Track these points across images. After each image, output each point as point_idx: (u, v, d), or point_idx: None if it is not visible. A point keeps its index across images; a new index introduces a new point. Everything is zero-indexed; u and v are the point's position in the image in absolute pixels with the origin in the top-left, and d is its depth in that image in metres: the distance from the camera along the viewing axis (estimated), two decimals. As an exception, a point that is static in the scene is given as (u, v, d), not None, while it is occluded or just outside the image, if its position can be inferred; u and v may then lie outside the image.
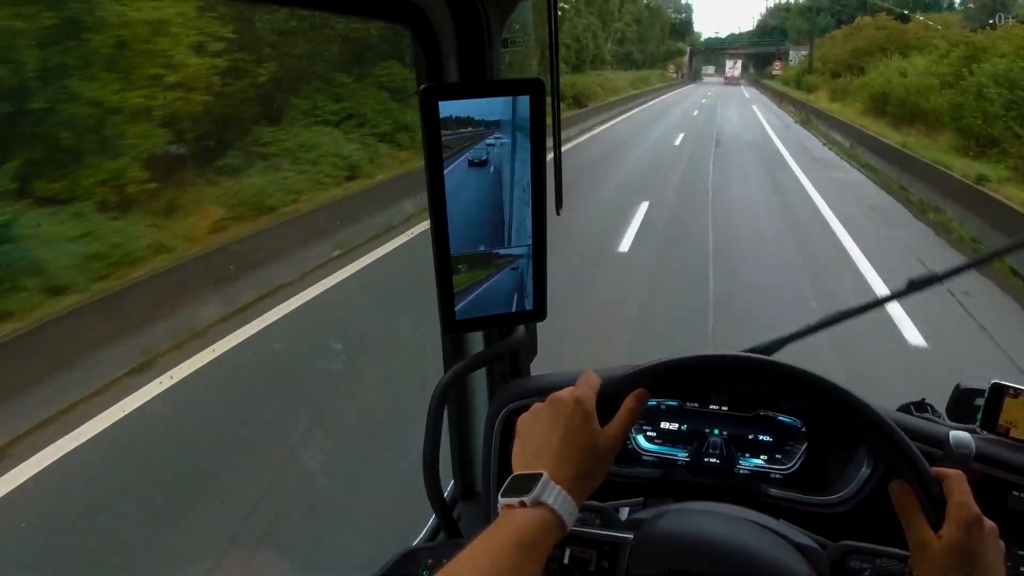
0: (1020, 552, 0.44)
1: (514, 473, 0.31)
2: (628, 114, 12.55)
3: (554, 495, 0.29)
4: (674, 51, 41.05)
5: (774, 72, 28.83)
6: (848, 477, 0.51)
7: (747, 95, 22.71)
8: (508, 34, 0.48)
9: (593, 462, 0.32)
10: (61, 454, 1.38)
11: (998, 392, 0.47)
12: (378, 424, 1.55)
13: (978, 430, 0.47)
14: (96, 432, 1.46)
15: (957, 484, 0.31)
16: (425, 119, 0.37)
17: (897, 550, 0.38)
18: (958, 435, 0.44)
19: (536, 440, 0.33)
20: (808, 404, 0.51)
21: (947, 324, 2.32)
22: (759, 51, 41.31)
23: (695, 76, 48.64)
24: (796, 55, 27.50)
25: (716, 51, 48.00)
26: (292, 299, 2.25)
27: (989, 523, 0.30)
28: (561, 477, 0.31)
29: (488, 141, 0.40)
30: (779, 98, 18.72)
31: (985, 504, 0.31)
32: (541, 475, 0.30)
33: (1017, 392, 0.46)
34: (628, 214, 4.00)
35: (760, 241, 3.62)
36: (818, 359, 1.87)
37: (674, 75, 34.87)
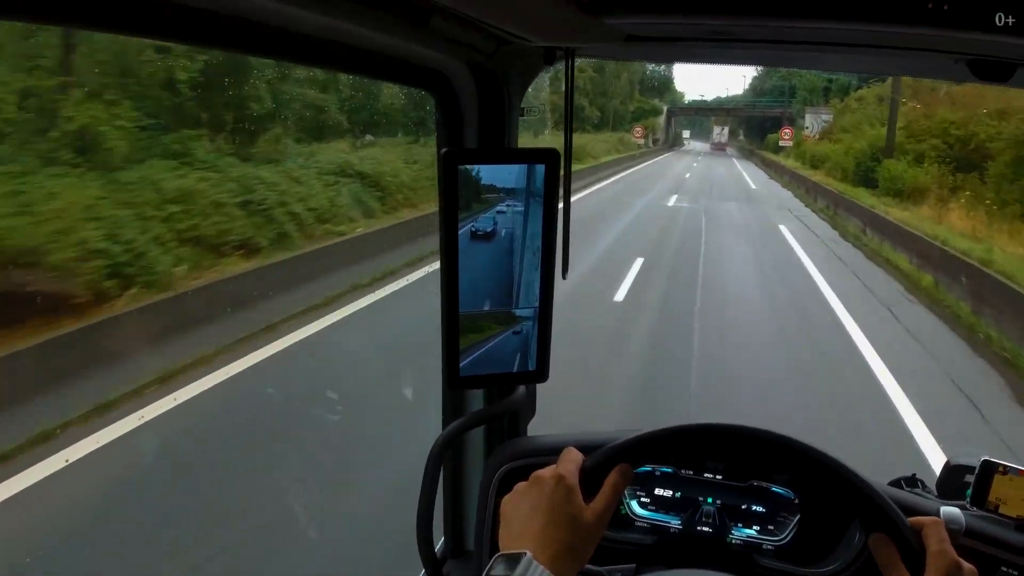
0: None
1: (498, 553, 0.45)
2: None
3: (537, 574, 0.43)
4: (647, 109, 48.87)
5: (782, 142, 31.32)
6: (841, 549, 0.81)
7: (752, 184, 22.75)
8: (525, 103, 0.87)
9: (577, 538, 0.48)
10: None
11: (988, 469, 0.76)
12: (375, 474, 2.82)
13: (968, 506, 0.76)
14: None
15: (934, 532, 0.50)
16: (444, 181, 0.64)
17: None
18: (948, 510, 0.72)
19: (520, 520, 0.49)
20: (790, 468, 0.83)
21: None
22: (756, 113, 48.29)
23: (673, 142, 58.50)
24: (815, 120, 29.40)
25: (702, 110, 57.85)
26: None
27: (968, 566, 0.48)
28: (545, 556, 0.45)
29: (503, 206, 0.71)
30: (813, 197, 17.10)
31: None
32: (524, 555, 0.44)
33: (1006, 469, 0.76)
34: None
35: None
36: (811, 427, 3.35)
37: (641, 140, 39.24)
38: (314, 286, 5.42)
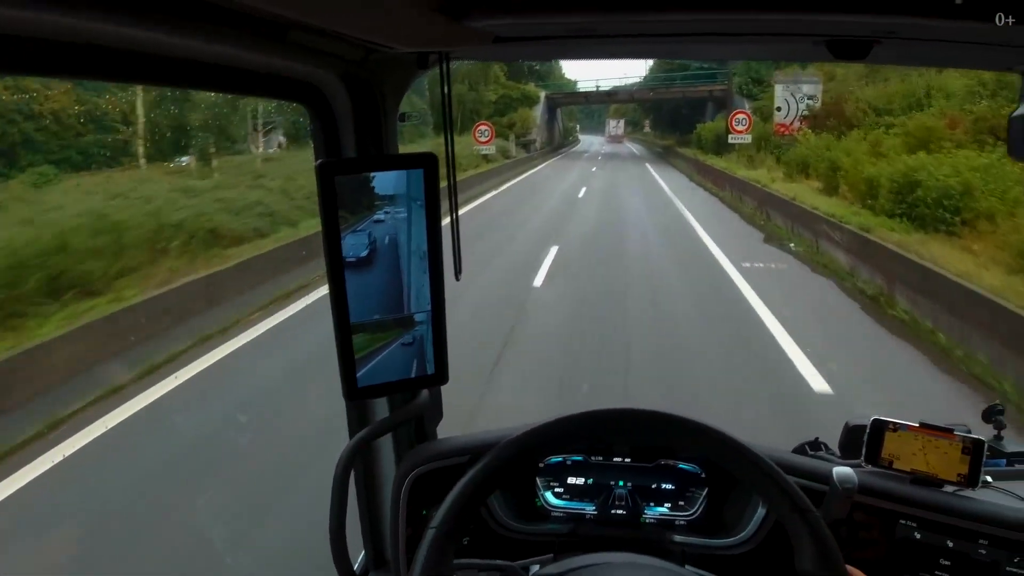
0: None
1: None
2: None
3: None
4: (516, 98, 49.17)
5: (734, 135, 25.53)
6: (746, 519, 1.42)
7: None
8: (405, 109, 1.40)
9: None
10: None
11: (879, 428, 1.41)
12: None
13: (863, 464, 1.43)
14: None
15: None
16: (322, 193, 1.08)
17: None
18: (841, 471, 1.31)
19: None
20: (692, 449, 1.46)
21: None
22: (672, 94, 50.25)
23: (560, 143, 61.98)
24: (789, 97, 27.47)
25: (597, 97, 60.79)
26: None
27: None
28: None
29: (382, 214, 1.24)
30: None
31: (874, 534, 1.32)
32: None
33: (896, 427, 1.40)
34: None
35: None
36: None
37: (487, 148, 29.67)
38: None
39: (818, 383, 6.97)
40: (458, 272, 1.37)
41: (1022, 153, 1.30)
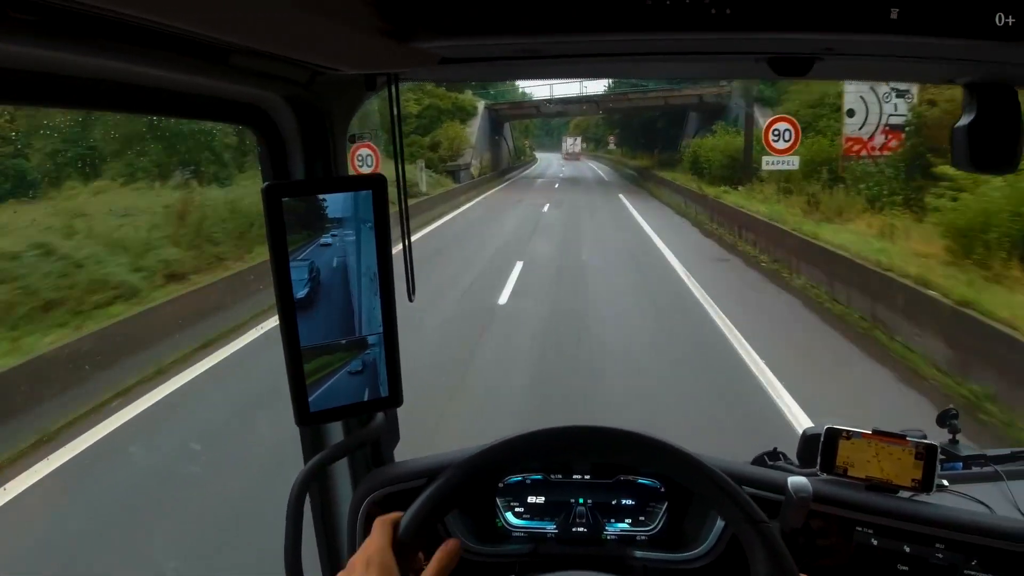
0: None
1: None
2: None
3: None
4: (447, 110, 47.85)
5: (774, 160, 20.00)
6: (706, 532, 1.86)
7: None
8: (356, 130, 1.76)
9: None
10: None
11: (833, 436, 1.88)
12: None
13: (819, 473, 1.88)
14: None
15: None
16: (269, 216, 1.39)
17: None
18: (796, 480, 1.71)
19: None
20: (648, 466, 1.87)
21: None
22: (651, 102, 49.32)
23: (508, 167, 61.84)
24: (876, 97, 21.83)
25: (552, 107, 58.21)
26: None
27: None
28: None
29: (328, 237, 1.59)
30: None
31: (832, 542, 1.75)
32: None
33: (850, 434, 1.86)
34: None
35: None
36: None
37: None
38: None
39: None
40: (411, 293, 1.71)
41: (965, 163, 1.60)
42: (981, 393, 9.20)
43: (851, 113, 22.83)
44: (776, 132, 20.03)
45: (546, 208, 35.07)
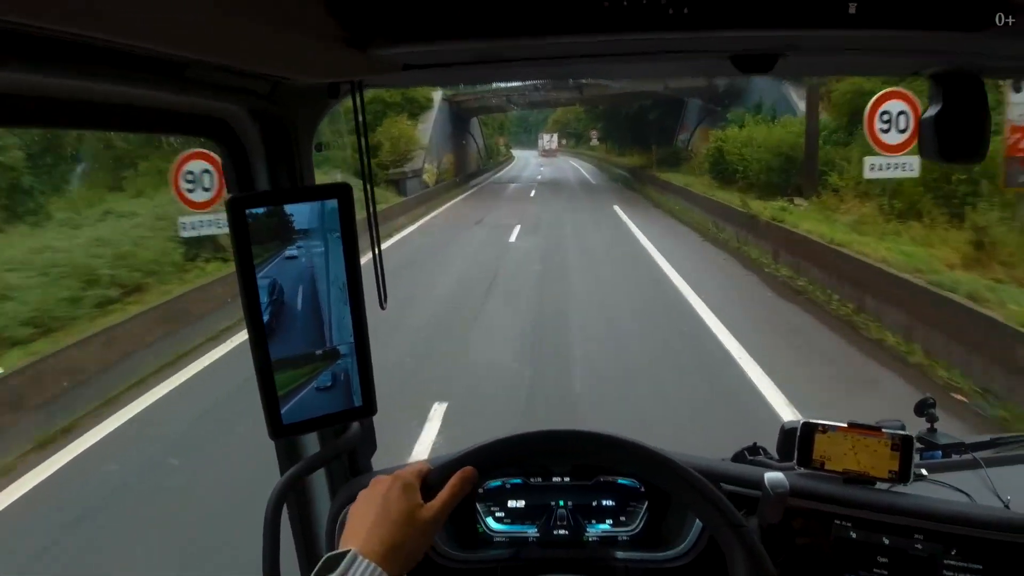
0: None
1: (325, 555, 1.41)
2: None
3: (360, 570, 1.37)
4: (394, 104, 42.74)
5: (882, 165, 14.73)
6: (686, 531, 2.19)
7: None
8: (322, 138, 2.02)
9: (409, 533, 1.48)
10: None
11: (809, 430, 2.16)
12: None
13: (796, 467, 2.17)
14: None
15: None
16: (233, 228, 1.62)
17: None
18: (772, 476, 1.98)
19: (355, 519, 1.51)
20: (626, 468, 2.17)
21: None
22: (649, 90, 45.90)
23: (480, 166, 61.65)
24: None
25: (532, 91, 55.24)
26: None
27: None
28: (371, 550, 1.41)
29: (294, 249, 1.81)
30: None
31: (811, 536, 2.05)
32: (348, 552, 1.39)
33: (826, 428, 2.14)
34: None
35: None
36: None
37: (202, 220, 16.82)
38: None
39: None
40: (383, 301, 1.95)
41: (932, 153, 1.81)
42: None
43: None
44: (885, 116, 14.31)
45: (515, 235, 27.70)
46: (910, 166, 14.52)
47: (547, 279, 19.18)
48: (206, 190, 13.92)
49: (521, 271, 20.44)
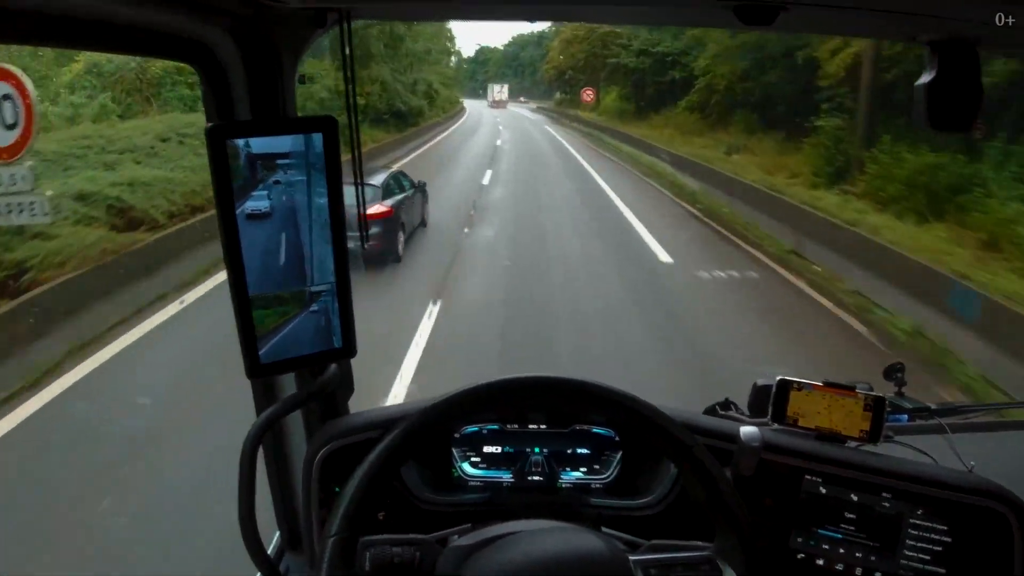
0: (819, 531, 2.14)
1: None
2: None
3: None
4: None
5: None
6: (659, 479, 2.28)
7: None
8: (305, 70, 1.97)
9: None
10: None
11: (784, 387, 2.24)
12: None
13: (770, 423, 2.24)
14: None
15: None
16: (213, 158, 1.63)
17: (700, 543, 1.79)
18: (747, 430, 2.10)
19: None
20: (595, 411, 2.23)
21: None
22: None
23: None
24: None
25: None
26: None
27: None
28: None
29: (280, 178, 1.79)
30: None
31: (782, 490, 2.12)
32: None
33: (801, 386, 2.22)
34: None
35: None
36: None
37: None
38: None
39: None
40: (364, 242, 1.92)
41: (925, 121, 1.81)
42: None
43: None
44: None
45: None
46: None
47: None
48: (9, 128, 9.11)
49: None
